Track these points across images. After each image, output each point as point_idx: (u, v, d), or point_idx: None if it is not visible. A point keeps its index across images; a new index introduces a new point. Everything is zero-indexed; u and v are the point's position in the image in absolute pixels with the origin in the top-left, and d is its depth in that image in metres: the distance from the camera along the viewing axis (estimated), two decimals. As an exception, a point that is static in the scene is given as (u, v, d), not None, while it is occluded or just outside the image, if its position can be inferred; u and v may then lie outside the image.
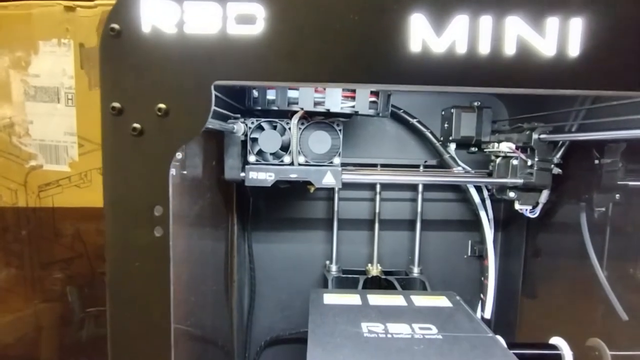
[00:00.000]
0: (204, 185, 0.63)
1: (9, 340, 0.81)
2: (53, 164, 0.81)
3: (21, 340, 0.81)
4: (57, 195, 0.82)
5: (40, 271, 0.85)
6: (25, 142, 0.80)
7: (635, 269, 0.59)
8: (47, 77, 0.79)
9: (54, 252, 0.84)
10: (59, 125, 0.79)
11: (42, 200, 0.82)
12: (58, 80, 0.79)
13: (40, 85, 0.79)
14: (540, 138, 0.60)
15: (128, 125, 0.29)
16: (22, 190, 0.82)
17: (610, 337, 0.59)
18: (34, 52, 0.79)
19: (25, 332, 0.82)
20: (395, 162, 0.79)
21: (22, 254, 0.84)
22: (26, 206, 0.81)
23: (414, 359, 0.47)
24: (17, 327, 0.82)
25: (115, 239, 0.30)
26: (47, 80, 0.79)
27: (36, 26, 0.79)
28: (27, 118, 0.80)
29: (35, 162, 0.81)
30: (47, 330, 0.82)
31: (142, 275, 0.30)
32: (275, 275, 0.84)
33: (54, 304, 0.82)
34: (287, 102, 0.55)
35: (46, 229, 0.84)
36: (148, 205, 0.29)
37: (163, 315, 0.30)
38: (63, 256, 0.84)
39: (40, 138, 0.80)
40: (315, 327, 0.55)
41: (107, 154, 0.30)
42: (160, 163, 0.29)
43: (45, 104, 0.79)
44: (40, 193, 0.82)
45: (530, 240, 0.77)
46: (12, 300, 0.84)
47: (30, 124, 0.80)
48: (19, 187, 0.81)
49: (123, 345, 0.30)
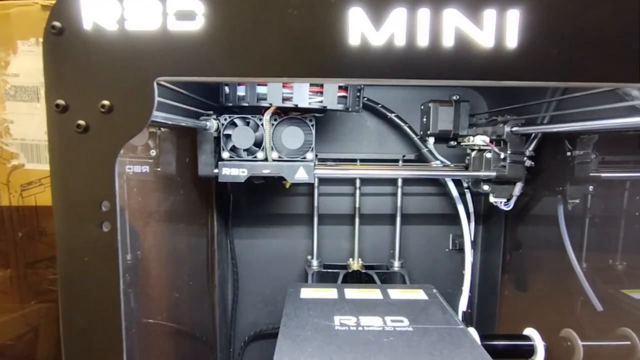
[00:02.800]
0: (178, 181, 0.64)
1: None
2: (35, 162, 0.81)
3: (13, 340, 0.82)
4: (39, 194, 0.82)
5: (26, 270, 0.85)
6: (7, 142, 0.80)
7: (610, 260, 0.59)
8: (26, 77, 0.79)
9: (39, 251, 0.84)
10: (39, 124, 0.80)
11: (25, 199, 0.83)
12: (37, 80, 0.79)
13: (20, 85, 0.79)
14: (512, 131, 0.61)
15: (73, 122, 0.29)
16: (5, 190, 0.82)
17: (585, 327, 0.59)
18: (12, 51, 0.79)
19: (17, 332, 0.83)
20: (375, 157, 0.80)
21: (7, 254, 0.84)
22: (9, 205, 0.82)
23: (381, 351, 0.48)
24: (8, 328, 0.82)
25: (64, 235, 0.30)
26: (26, 80, 0.79)
27: (14, 26, 0.79)
28: (8, 117, 0.80)
29: (17, 162, 0.81)
30: (39, 329, 0.82)
31: (92, 269, 0.30)
32: (257, 271, 0.84)
33: (46, 305, 0.83)
34: (256, 98, 0.55)
35: (30, 228, 0.84)
36: (95, 201, 0.30)
37: (113, 310, 0.30)
38: (48, 254, 0.84)
39: (21, 137, 0.81)
40: (287, 320, 0.56)
41: (54, 151, 0.30)
42: (105, 159, 0.29)
43: (25, 103, 0.80)
44: (23, 192, 0.82)
45: (509, 234, 0.77)
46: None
47: (11, 123, 0.80)
48: (2, 186, 0.82)
49: (75, 340, 0.31)
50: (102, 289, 0.30)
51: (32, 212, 0.83)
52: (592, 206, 0.61)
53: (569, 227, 0.63)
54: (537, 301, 0.71)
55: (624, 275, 0.58)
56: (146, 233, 0.58)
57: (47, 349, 0.81)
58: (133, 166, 0.58)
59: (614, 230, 0.59)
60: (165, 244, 0.61)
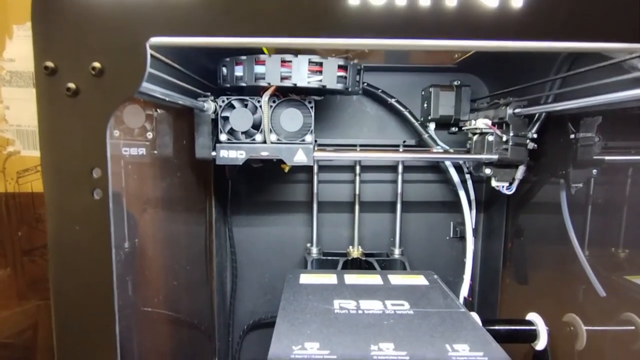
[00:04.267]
0: (175, 164, 0.63)
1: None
2: (31, 149, 0.80)
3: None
4: (35, 181, 0.81)
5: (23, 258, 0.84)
6: (2, 128, 0.79)
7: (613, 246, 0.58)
8: (22, 62, 0.78)
9: (35, 239, 0.84)
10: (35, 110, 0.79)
11: (21, 186, 0.82)
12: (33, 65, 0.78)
13: (15, 70, 0.78)
14: (514, 113, 0.60)
15: (62, 85, 0.28)
16: (1, 177, 0.81)
17: (589, 313, 0.58)
18: (8, 36, 0.78)
19: (17, 329, 0.82)
20: (375, 143, 0.79)
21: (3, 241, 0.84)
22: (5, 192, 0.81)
23: (381, 333, 0.47)
24: (7, 324, 0.82)
25: (54, 203, 0.29)
26: (22, 65, 0.78)
27: (10, 10, 0.78)
28: (3, 103, 0.79)
29: (13, 148, 0.80)
30: (38, 326, 0.82)
31: (83, 238, 0.29)
32: (256, 259, 0.83)
33: (44, 302, 0.82)
34: (254, 77, 0.54)
35: (26, 215, 0.83)
36: (86, 168, 0.29)
37: (105, 279, 0.29)
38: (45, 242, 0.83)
39: (17, 124, 0.80)
40: (286, 304, 0.55)
41: (43, 116, 0.29)
42: (97, 124, 0.28)
43: (21, 89, 0.79)
44: (19, 179, 0.82)
45: (511, 221, 0.76)
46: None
47: (7, 109, 0.79)
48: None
49: (66, 309, 0.30)
50: (94, 258, 0.29)
51: (28, 199, 0.82)
52: (596, 190, 0.60)
53: (571, 212, 0.62)
54: (540, 288, 0.70)
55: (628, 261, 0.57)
56: (144, 217, 0.57)
57: (46, 347, 0.80)
58: (130, 149, 0.57)
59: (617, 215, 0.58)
60: (162, 229, 0.60)
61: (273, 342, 0.45)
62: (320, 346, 0.44)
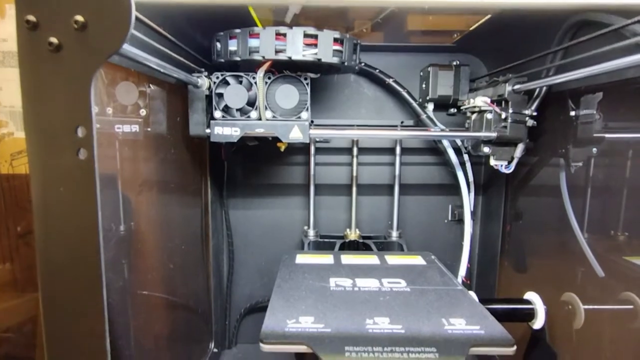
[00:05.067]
0: (169, 141, 0.62)
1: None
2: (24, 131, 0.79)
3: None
4: (30, 163, 0.80)
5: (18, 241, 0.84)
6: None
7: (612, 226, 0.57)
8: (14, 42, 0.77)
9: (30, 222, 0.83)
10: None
11: (15, 168, 0.81)
12: (25, 44, 0.77)
13: (8, 50, 0.77)
14: (514, 89, 0.59)
15: (44, 40, 0.27)
16: (-5, 159, 0.80)
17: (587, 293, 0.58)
18: (0, 15, 0.77)
19: (16, 321, 0.81)
20: (373, 123, 0.78)
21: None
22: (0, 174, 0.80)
23: (377, 309, 0.47)
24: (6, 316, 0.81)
25: (38, 163, 0.28)
26: (14, 45, 0.77)
27: (1, -11, 0.77)
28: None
29: (6, 130, 0.79)
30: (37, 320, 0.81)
31: (68, 199, 0.28)
32: (253, 242, 0.83)
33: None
34: (248, 51, 0.53)
35: (21, 198, 0.83)
36: (70, 126, 0.28)
37: (91, 241, 0.29)
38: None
39: (10, 105, 0.79)
40: (281, 282, 0.54)
41: (24, 72, 0.28)
42: (80, 80, 0.28)
43: (14, 70, 0.78)
44: (13, 161, 0.81)
45: (510, 202, 0.75)
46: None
47: (0, 90, 0.78)
48: (-8, 155, 0.80)
49: (52, 275, 0.29)
50: (80, 220, 0.28)
51: (22, 182, 0.81)
52: (595, 171, 0.59)
53: (571, 193, 0.62)
54: (538, 270, 0.69)
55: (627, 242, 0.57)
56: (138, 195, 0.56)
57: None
58: (123, 126, 0.56)
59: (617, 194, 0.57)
60: (158, 209, 0.60)
61: (267, 316, 0.45)
62: (315, 320, 0.43)
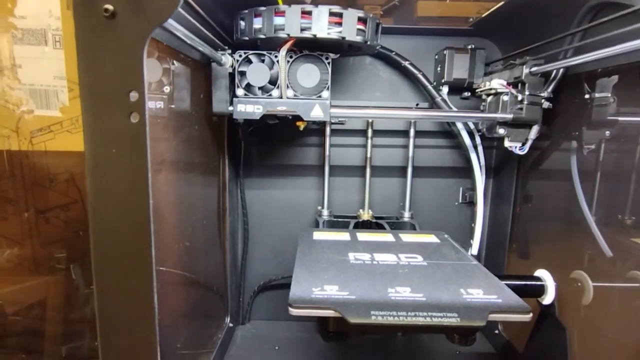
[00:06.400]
0: (192, 118, 0.63)
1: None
2: (44, 109, 0.80)
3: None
4: (49, 141, 0.82)
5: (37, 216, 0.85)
6: (15, 87, 0.79)
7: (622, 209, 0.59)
8: (33, 19, 0.77)
9: (49, 199, 0.84)
10: (47, 69, 0.78)
11: (35, 146, 0.82)
12: (45, 22, 0.77)
13: (27, 28, 0.78)
14: (531, 71, 0.60)
15: (100, 7, 0.28)
16: (15, 137, 0.82)
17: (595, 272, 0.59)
18: (19, -8, 0.77)
19: (27, 302, 0.83)
20: (388, 105, 0.79)
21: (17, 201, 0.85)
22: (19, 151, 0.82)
23: (397, 279, 0.49)
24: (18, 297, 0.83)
25: (91, 126, 0.30)
26: (33, 22, 0.77)
27: (20, -35, 0.77)
28: (16, 62, 0.79)
29: (26, 107, 0.80)
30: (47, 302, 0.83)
31: (120, 161, 0.30)
32: (267, 222, 0.85)
33: (54, 277, 0.83)
34: (273, 29, 0.54)
35: (40, 176, 0.84)
36: (123, 90, 0.29)
37: (141, 200, 0.30)
38: (59, 202, 0.85)
39: (30, 83, 0.79)
40: (302, 255, 0.56)
41: (80, 38, 0.29)
42: (134, 46, 0.29)
43: (33, 47, 0.78)
44: (33, 139, 0.82)
45: (520, 185, 0.77)
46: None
47: (19, 68, 0.79)
48: (11, 133, 0.81)
49: (102, 232, 0.31)
50: (131, 180, 0.30)
51: (42, 159, 0.83)
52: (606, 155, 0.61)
53: (581, 176, 0.63)
54: (547, 251, 0.71)
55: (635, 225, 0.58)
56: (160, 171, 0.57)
57: (55, 322, 0.82)
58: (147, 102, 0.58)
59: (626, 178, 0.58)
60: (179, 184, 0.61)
61: (293, 285, 0.47)
62: (339, 288, 0.45)
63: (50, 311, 0.83)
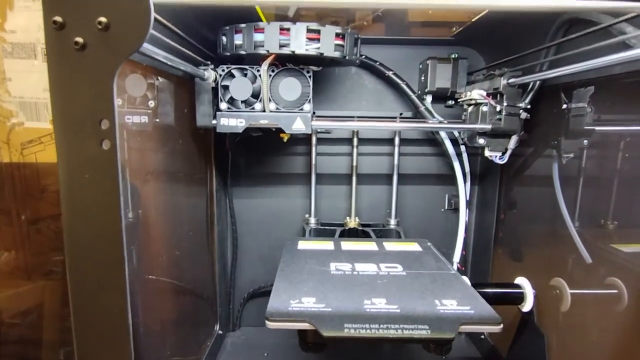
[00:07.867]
0: (177, 132, 0.64)
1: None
2: (34, 121, 0.82)
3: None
4: (40, 152, 0.83)
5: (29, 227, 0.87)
6: (5, 100, 0.80)
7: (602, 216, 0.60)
8: (23, 33, 0.79)
9: (41, 209, 0.86)
10: (37, 82, 0.80)
11: (26, 157, 0.83)
12: (34, 36, 0.78)
13: (17, 42, 0.79)
14: (508, 83, 0.61)
15: (70, 40, 0.30)
16: (5, 148, 0.83)
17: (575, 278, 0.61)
18: (9, 7, 0.78)
19: (23, 308, 0.84)
20: (373, 115, 0.80)
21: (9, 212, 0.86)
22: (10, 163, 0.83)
23: (374, 290, 0.50)
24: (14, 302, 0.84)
25: (65, 153, 0.31)
26: (23, 36, 0.79)
27: (10, -19, 0.78)
28: (6, 75, 0.80)
29: (16, 120, 0.81)
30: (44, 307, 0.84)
31: (93, 186, 0.31)
32: (256, 230, 0.86)
33: (50, 282, 0.84)
34: (253, 45, 0.55)
35: (31, 186, 0.85)
36: (94, 119, 0.30)
37: (114, 223, 0.31)
38: (50, 212, 0.86)
39: (20, 95, 0.81)
40: (285, 266, 0.57)
41: (52, 69, 0.30)
42: (104, 77, 0.30)
43: (23, 61, 0.80)
44: (24, 151, 0.83)
45: (504, 192, 0.78)
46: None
47: (9, 81, 0.80)
48: (2, 145, 0.83)
49: (77, 254, 0.32)
50: (104, 204, 0.31)
51: (33, 170, 0.84)
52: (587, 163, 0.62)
53: (562, 182, 0.64)
54: (529, 257, 0.72)
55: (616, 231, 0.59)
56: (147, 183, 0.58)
57: (52, 328, 0.83)
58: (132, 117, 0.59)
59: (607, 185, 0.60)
60: (165, 197, 0.62)
61: (272, 297, 0.48)
62: (317, 300, 0.46)
63: (47, 316, 0.84)
